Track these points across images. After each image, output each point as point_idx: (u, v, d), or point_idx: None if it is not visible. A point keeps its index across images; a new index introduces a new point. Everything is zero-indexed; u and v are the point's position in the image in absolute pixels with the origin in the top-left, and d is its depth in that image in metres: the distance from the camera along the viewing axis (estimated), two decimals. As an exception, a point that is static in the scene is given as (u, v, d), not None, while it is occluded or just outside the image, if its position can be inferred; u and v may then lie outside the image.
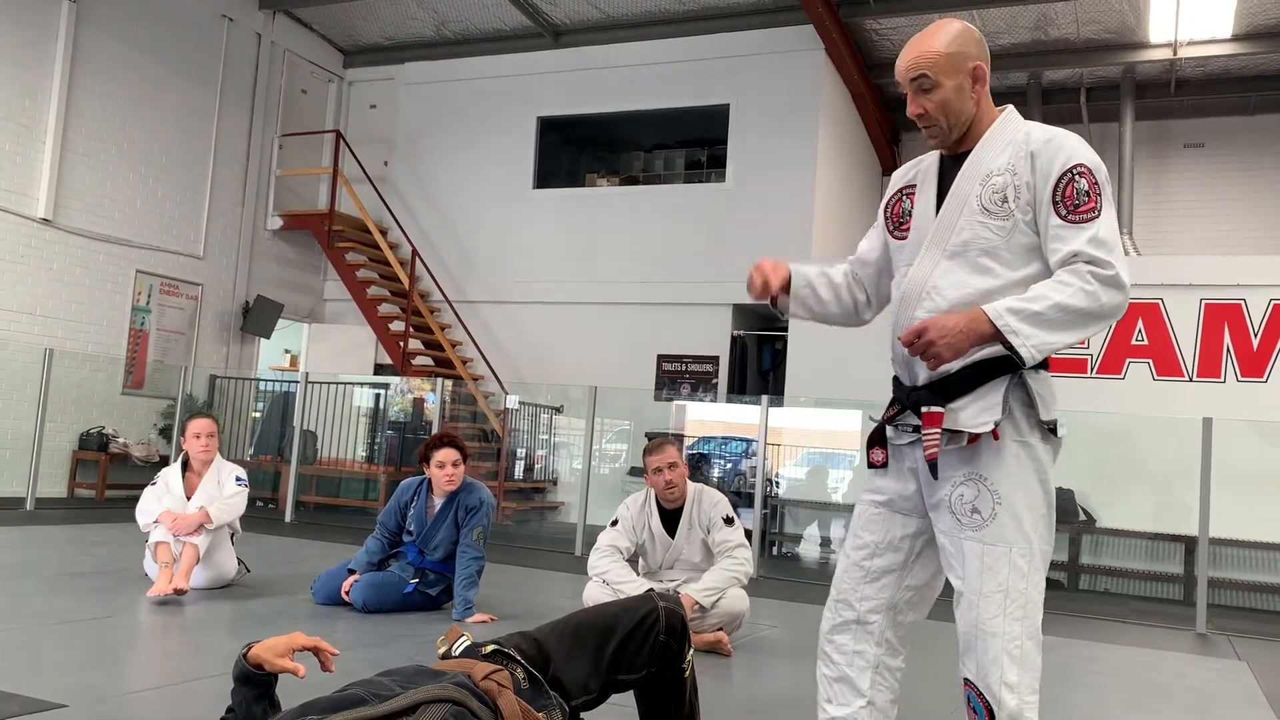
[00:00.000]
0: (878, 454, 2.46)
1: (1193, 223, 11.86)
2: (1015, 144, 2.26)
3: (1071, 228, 2.17)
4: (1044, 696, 4.22)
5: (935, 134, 2.32)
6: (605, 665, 2.57)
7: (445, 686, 2.24)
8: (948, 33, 2.27)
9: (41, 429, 9.32)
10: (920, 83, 2.26)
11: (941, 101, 2.25)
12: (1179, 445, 7.37)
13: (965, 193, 2.28)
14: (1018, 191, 2.22)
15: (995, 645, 2.23)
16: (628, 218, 12.16)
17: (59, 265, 10.29)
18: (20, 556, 6.19)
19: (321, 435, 11.50)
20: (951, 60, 2.24)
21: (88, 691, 3.16)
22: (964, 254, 2.26)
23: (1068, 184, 2.18)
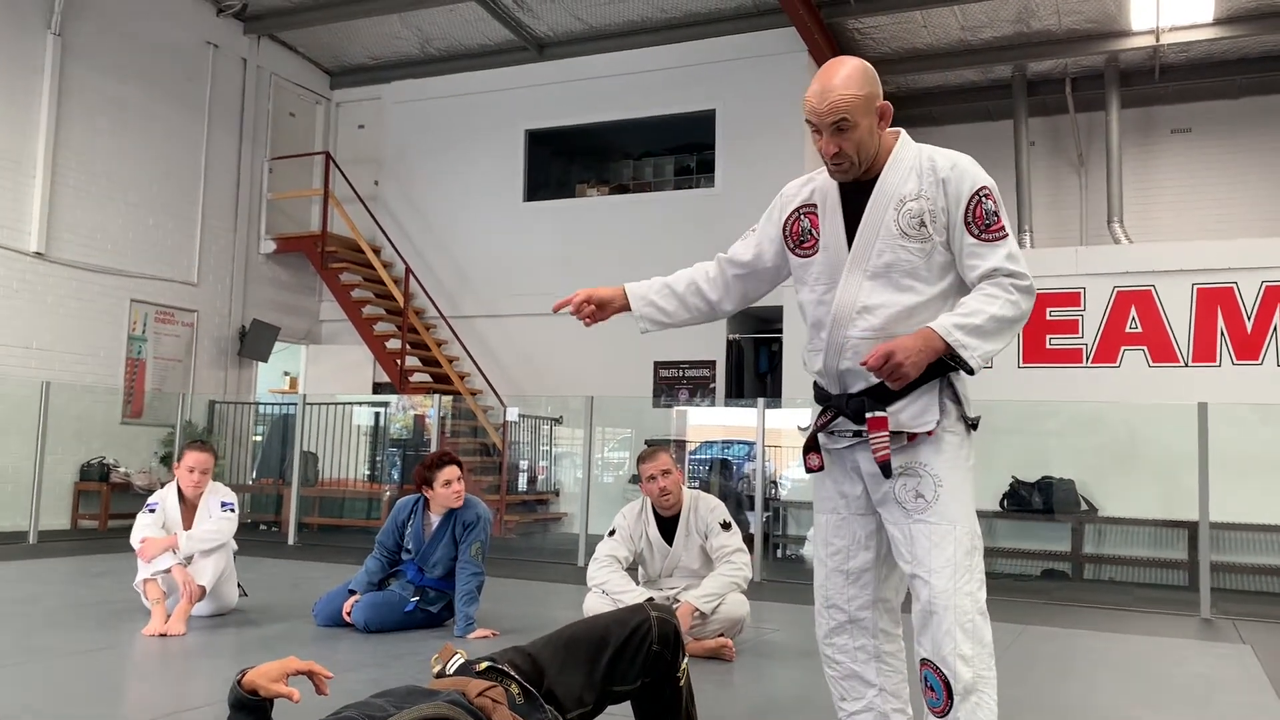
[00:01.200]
0: (814, 460, 2.61)
1: (1183, 208, 11.87)
2: (921, 171, 2.44)
3: (986, 245, 2.38)
4: (1048, 688, 4.24)
5: (846, 169, 2.46)
6: (599, 677, 2.58)
7: (439, 705, 2.24)
8: (859, 74, 2.40)
9: (42, 462, 9.33)
10: (839, 124, 2.39)
11: (857, 141, 2.40)
12: (1177, 431, 7.36)
13: (879, 219, 2.44)
14: (933, 216, 2.41)
15: (949, 619, 2.35)
16: (619, 226, 12.18)
17: (53, 298, 10.31)
18: (23, 591, 6.19)
19: (322, 456, 11.51)
20: (866, 101, 2.40)
21: (87, 724, 3.17)
22: (887, 275, 2.43)
23: (976, 205, 2.38)
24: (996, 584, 8.28)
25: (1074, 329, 9.36)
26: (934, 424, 2.42)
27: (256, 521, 11.43)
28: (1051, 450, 9.23)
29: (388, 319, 12.48)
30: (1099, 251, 9.94)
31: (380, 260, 12.55)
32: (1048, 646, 5.32)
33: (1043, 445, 9.28)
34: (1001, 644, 5.26)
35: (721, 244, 11.29)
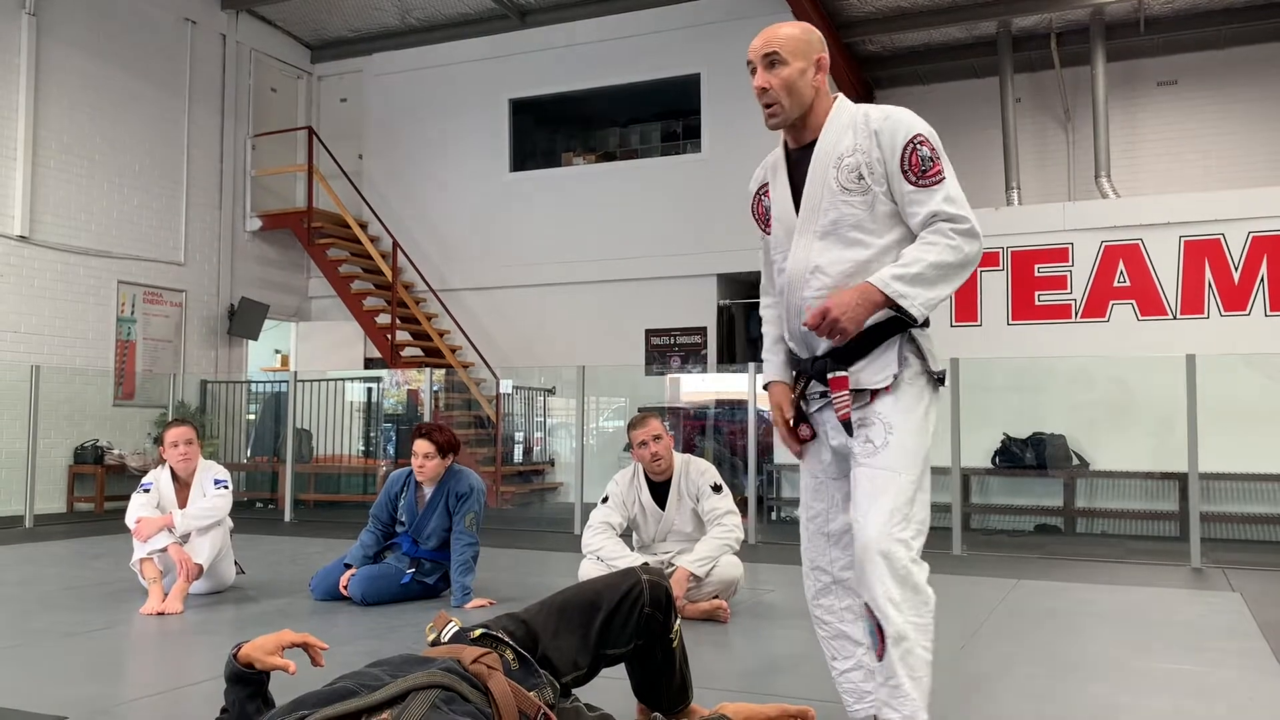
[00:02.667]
0: (805, 430, 2.64)
1: (1170, 161, 11.84)
2: (856, 126, 2.46)
3: (924, 191, 2.39)
4: (1042, 640, 4.29)
5: (776, 113, 2.50)
6: (593, 641, 2.61)
7: (434, 673, 2.26)
8: (801, 26, 2.51)
9: (35, 446, 9.33)
10: (771, 58, 2.46)
11: (786, 79, 2.45)
12: (1166, 383, 7.41)
13: (821, 178, 2.48)
14: (870, 168, 2.42)
15: (880, 565, 2.36)
16: (607, 194, 12.14)
17: (39, 281, 10.26)
18: (20, 574, 6.21)
19: (316, 433, 11.52)
20: (800, 44, 2.46)
21: (87, 702, 3.19)
22: (835, 232, 2.46)
23: (911, 153, 2.39)
24: (989, 540, 8.39)
25: (1063, 284, 9.37)
26: (890, 379, 2.44)
27: (252, 499, 11.45)
28: (1042, 406, 9.27)
29: (377, 294, 12.44)
30: (1086, 207, 9.94)
31: (367, 235, 12.50)
32: (1042, 600, 5.37)
33: (1033, 401, 9.32)
34: (995, 598, 5.33)
35: (710, 209, 11.39)
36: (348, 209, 12.39)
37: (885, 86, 13.18)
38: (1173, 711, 3.19)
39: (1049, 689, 3.43)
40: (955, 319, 9.70)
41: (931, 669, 2.42)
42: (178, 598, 4.78)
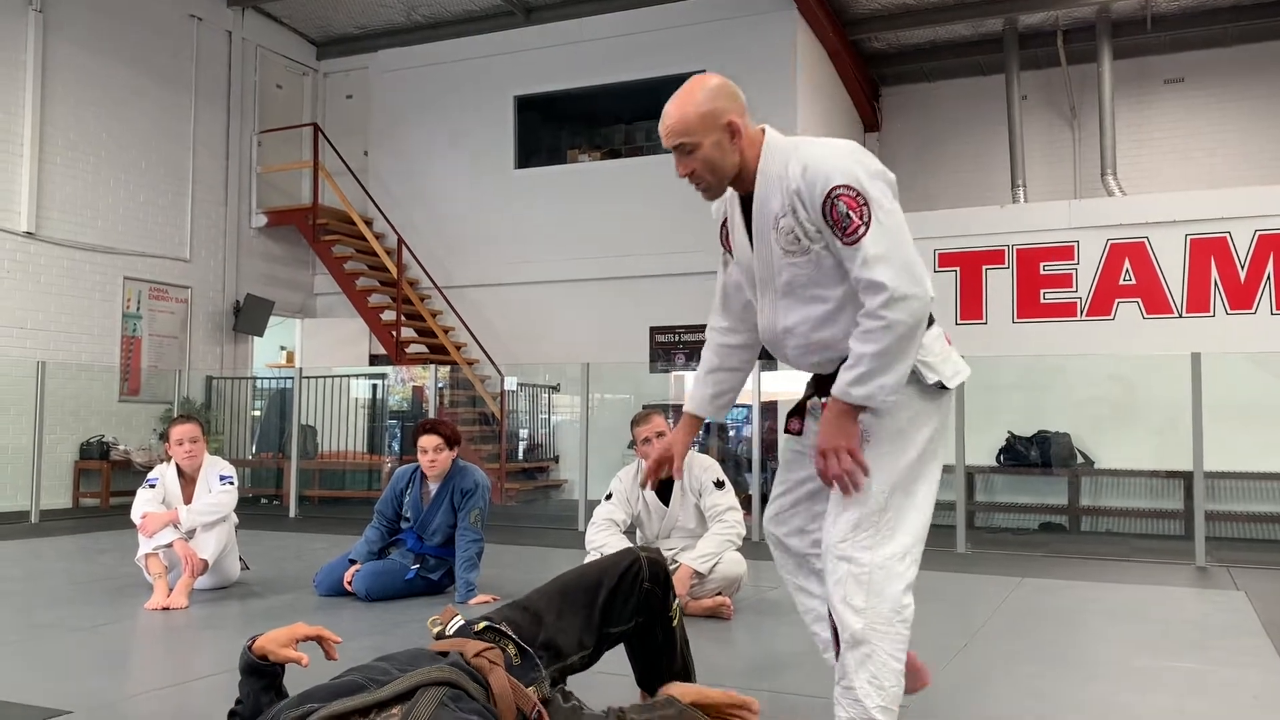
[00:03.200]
0: (794, 424, 2.64)
1: (1176, 159, 11.83)
2: (783, 184, 2.36)
3: (849, 249, 2.29)
4: (1047, 638, 4.29)
5: (706, 188, 2.47)
6: (597, 619, 2.67)
7: (442, 669, 2.27)
8: (699, 92, 2.38)
9: (40, 441, 9.36)
10: (680, 147, 2.39)
11: (704, 160, 2.39)
12: (1171, 382, 7.39)
13: (765, 240, 2.43)
14: (803, 228, 2.35)
15: (841, 569, 2.34)
16: (612, 191, 12.14)
17: (46, 278, 10.29)
18: (26, 569, 6.24)
19: (321, 429, 11.54)
20: (704, 121, 2.37)
21: (92, 696, 3.20)
22: (792, 292, 2.44)
23: (831, 209, 2.28)
24: (994, 538, 8.38)
25: (1068, 283, 9.36)
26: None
27: (257, 495, 11.47)
28: (1047, 404, 9.26)
29: (382, 290, 12.46)
30: (1092, 205, 9.92)
31: (372, 232, 12.51)
32: (1046, 598, 5.36)
33: (1038, 399, 9.31)
34: (999, 596, 5.33)
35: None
36: (353, 205, 12.41)
37: (891, 84, 13.18)
38: (1176, 710, 3.18)
39: (1052, 687, 3.43)
40: (960, 317, 9.70)
41: (901, 680, 2.37)
42: (182, 593, 4.79)
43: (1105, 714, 3.14)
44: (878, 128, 13.22)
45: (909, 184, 12.90)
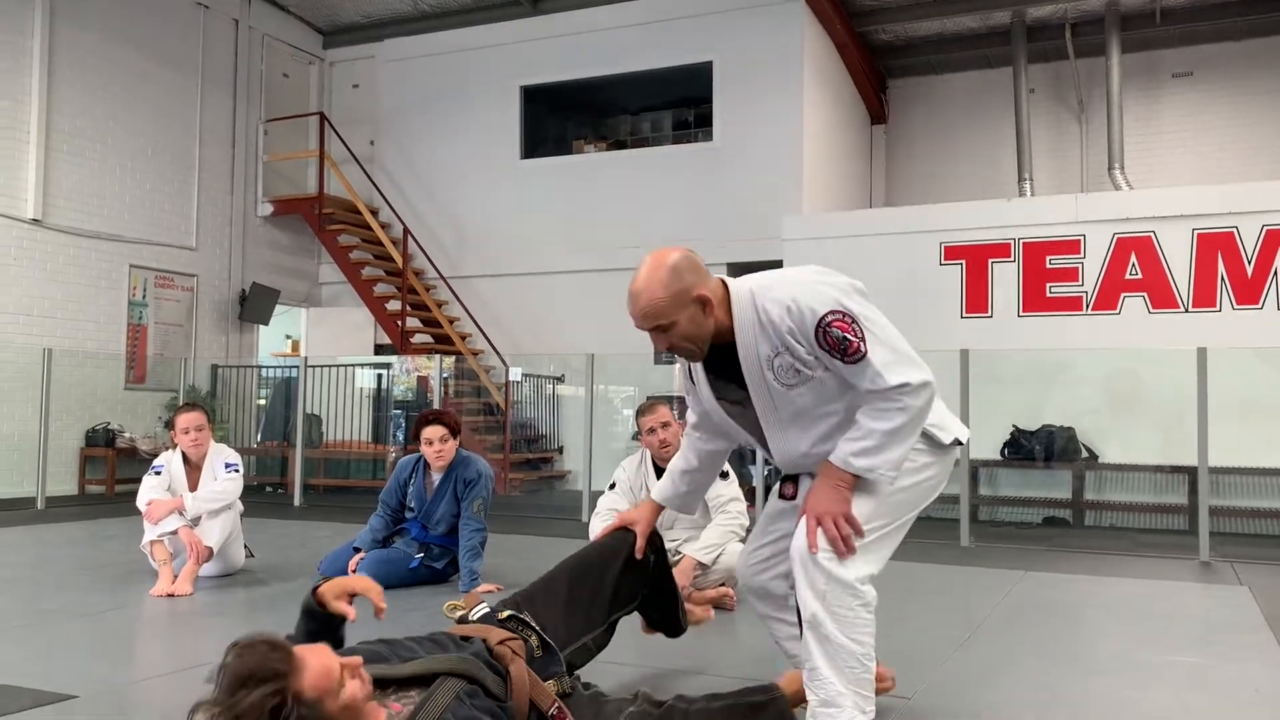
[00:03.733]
0: (789, 489, 2.71)
1: (1184, 153, 11.79)
2: (765, 329, 2.43)
3: (853, 368, 2.39)
4: (1050, 631, 4.29)
5: (691, 355, 2.54)
6: (606, 606, 2.74)
7: (465, 660, 2.28)
8: (664, 274, 2.43)
9: (46, 428, 9.39)
10: (657, 328, 2.46)
11: (683, 334, 2.45)
12: (1177, 377, 7.38)
13: (760, 384, 2.49)
14: (802, 360, 2.43)
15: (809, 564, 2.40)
16: (617, 182, 12.13)
17: (52, 265, 10.31)
18: (32, 555, 6.26)
19: (326, 418, 11.56)
20: (676, 300, 2.42)
21: (97, 681, 3.22)
22: (801, 419, 2.50)
23: (825, 337, 2.38)
24: (997, 532, 8.37)
25: (1074, 277, 9.34)
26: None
27: (262, 484, 11.50)
28: (1052, 398, 9.25)
29: (387, 280, 12.47)
30: (1099, 198, 9.90)
31: (378, 221, 12.51)
32: (1049, 592, 5.37)
33: (1043, 393, 9.30)
34: (1002, 590, 5.33)
35: (721, 198, 11.34)
36: (359, 195, 12.41)
37: (898, 76, 13.14)
38: (1178, 705, 3.19)
39: (1054, 681, 3.43)
40: (966, 310, 9.68)
41: (868, 664, 2.41)
42: (187, 580, 4.80)
43: (1107, 708, 3.14)
44: (885, 120, 13.19)
45: (915, 177, 12.90)
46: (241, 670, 1.89)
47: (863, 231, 10.34)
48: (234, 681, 1.89)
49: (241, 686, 1.88)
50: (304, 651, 1.96)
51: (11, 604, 4.60)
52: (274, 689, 1.89)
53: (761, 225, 10.88)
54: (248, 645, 1.94)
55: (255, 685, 1.88)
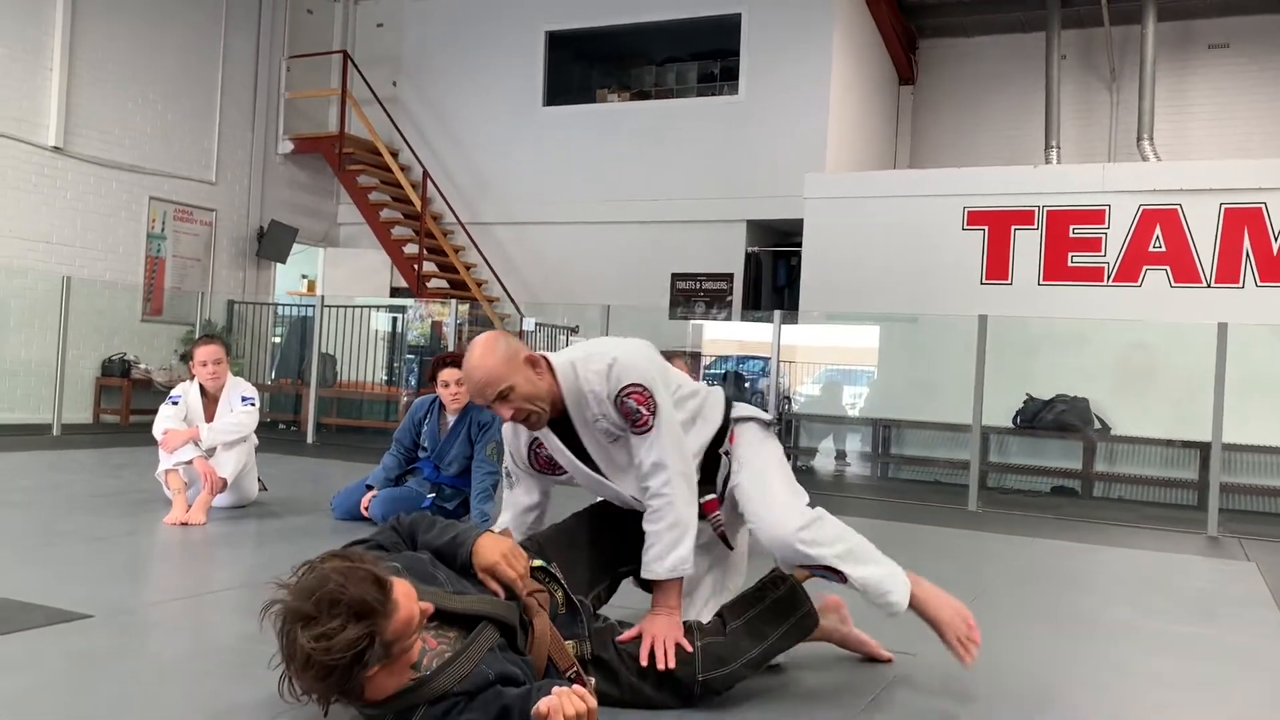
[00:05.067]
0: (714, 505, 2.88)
1: (1216, 126, 11.60)
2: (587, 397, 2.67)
3: (637, 439, 2.65)
4: (1054, 597, 4.30)
5: (536, 419, 2.67)
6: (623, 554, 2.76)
7: (510, 606, 2.28)
8: (494, 343, 2.64)
9: (63, 356, 9.45)
10: (501, 394, 2.59)
11: (526, 395, 2.61)
12: (1195, 351, 7.33)
13: (595, 445, 2.74)
14: (617, 424, 2.68)
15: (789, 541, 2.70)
16: (639, 134, 12.03)
17: (72, 193, 10.31)
18: (47, 479, 6.33)
19: (341, 358, 11.60)
20: (508, 363, 2.61)
21: (112, 602, 3.26)
22: (626, 471, 2.73)
23: (622, 405, 2.64)
24: (1006, 499, 8.37)
25: (1096, 247, 9.26)
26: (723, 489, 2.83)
27: (275, 421, 11.57)
28: (1067, 368, 9.21)
29: (405, 223, 12.44)
30: (1126, 169, 9.78)
31: (398, 163, 12.46)
32: (1055, 559, 5.38)
33: (1059, 363, 9.26)
34: (1008, 556, 5.35)
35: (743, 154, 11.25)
36: (380, 136, 12.34)
37: (929, 36, 12.95)
38: (1180, 673, 3.20)
39: (1056, 646, 3.45)
40: (985, 277, 9.62)
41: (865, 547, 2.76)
42: (201, 509, 4.85)
43: (1109, 674, 3.16)
44: (913, 81, 13.02)
45: (941, 139, 12.75)
46: (342, 597, 1.89)
47: (885, 193, 10.25)
48: (332, 606, 1.88)
49: (338, 615, 1.88)
50: (396, 594, 1.96)
51: (26, 525, 4.66)
52: (368, 629, 1.89)
53: (783, 183, 10.79)
54: (352, 570, 1.94)
55: (351, 619, 1.88)
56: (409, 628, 1.98)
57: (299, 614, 1.89)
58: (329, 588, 1.90)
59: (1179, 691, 3.00)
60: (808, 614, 2.69)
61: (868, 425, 10.38)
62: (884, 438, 10.18)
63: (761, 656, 2.58)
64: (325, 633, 1.87)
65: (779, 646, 2.63)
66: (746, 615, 2.61)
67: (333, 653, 1.86)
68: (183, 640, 3.04)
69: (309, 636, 1.87)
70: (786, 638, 2.64)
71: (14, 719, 2.22)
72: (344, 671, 1.89)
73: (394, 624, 1.94)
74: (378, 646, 1.91)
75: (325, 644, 1.86)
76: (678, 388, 2.79)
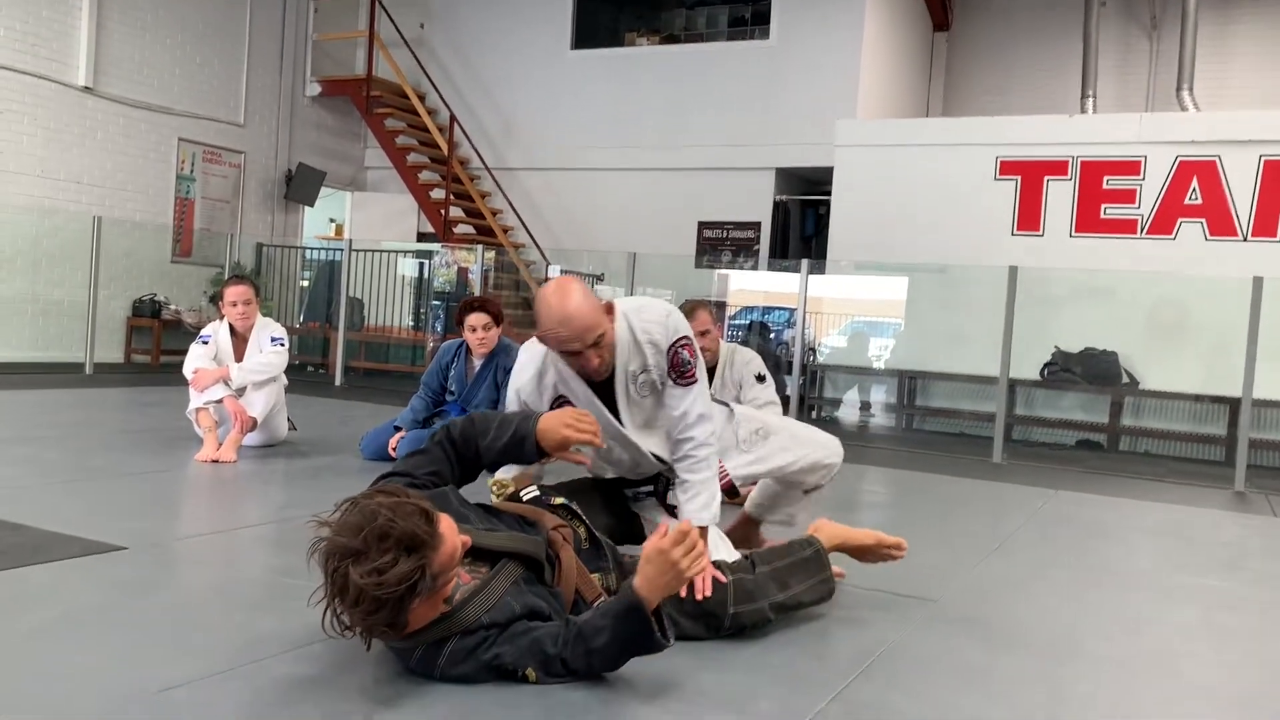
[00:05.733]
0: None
1: (1258, 77, 11.33)
2: (644, 347, 2.73)
3: (679, 391, 2.76)
4: (1077, 547, 4.31)
5: (603, 369, 2.70)
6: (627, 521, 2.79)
7: (538, 542, 2.31)
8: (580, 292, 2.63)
9: (95, 296, 9.54)
10: (597, 340, 2.63)
11: (609, 343, 2.67)
12: (1228, 306, 7.24)
13: (626, 398, 2.78)
14: (662, 377, 2.78)
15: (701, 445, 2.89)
16: (668, 78, 11.89)
17: (102, 134, 10.34)
18: (79, 416, 6.43)
19: (368, 303, 11.65)
20: (598, 311, 2.64)
21: (145, 535, 3.32)
22: (651, 428, 2.84)
23: (674, 357, 2.74)
24: (1031, 452, 8.34)
25: (1131, 199, 9.12)
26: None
27: (304, 363, 11.67)
28: (1097, 320, 9.12)
29: (432, 168, 12.40)
30: (1164, 119, 9.59)
31: (425, 107, 12.39)
32: (1079, 510, 5.37)
33: (1089, 315, 9.17)
34: (1032, 507, 5.35)
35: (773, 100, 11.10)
36: (406, 79, 12.27)
37: (965, -16, 12.69)
38: (1205, 623, 3.20)
39: (1081, 594, 3.45)
40: (1017, 228, 9.51)
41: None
42: (231, 448, 4.91)
43: (1134, 622, 3.16)
44: (948, 27, 12.78)
45: (975, 87, 12.54)
46: (392, 531, 1.91)
47: (918, 141, 10.11)
48: (382, 540, 1.91)
49: (389, 549, 1.90)
50: (441, 527, 2.00)
51: (59, 459, 4.74)
52: (419, 562, 1.92)
53: (814, 130, 10.66)
54: (399, 505, 1.96)
55: (402, 552, 1.91)
56: (453, 560, 2.02)
57: (349, 550, 1.92)
58: (378, 522, 1.92)
59: (1202, 642, 3.00)
60: (828, 579, 2.74)
61: (893, 377, 10.34)
62: (909, 389, 10.14)
63: (786, 601, 2.62)
64: (378, 567, 1.89)
65: (801, 598, 2.67)
66: (774, 564, 2.65)
67: (385, 587, 1.89)
68: (213, 573, 3.10)
69: (361, 571, 1.89)
70: (809, 593, 2.69)
71: (49, 645, 2.27)
72: (395, 605, 1.93)
73: (440, 556, 1.97)
74: (427, 579, 1.95)
75: (377, 579, 1.89)
76: None
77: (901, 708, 2.21)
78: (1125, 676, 2.61)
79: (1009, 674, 2.52)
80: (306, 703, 2.01)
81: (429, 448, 2.44)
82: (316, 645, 2.32)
